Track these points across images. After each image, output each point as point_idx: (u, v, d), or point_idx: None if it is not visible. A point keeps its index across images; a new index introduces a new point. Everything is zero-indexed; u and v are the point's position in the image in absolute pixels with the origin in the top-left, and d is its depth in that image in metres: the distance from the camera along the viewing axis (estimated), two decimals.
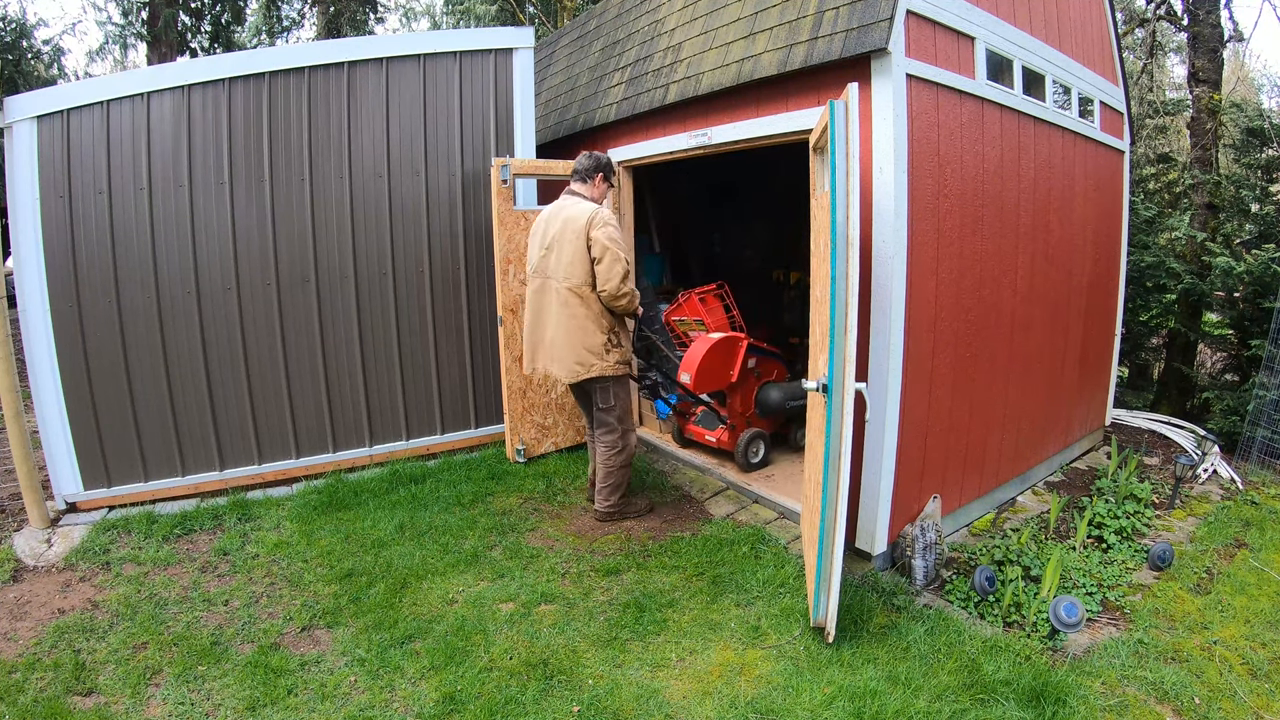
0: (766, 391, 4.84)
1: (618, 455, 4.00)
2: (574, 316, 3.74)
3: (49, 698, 2.68)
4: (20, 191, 4.02)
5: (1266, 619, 3.38)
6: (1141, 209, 7.16)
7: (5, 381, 3.95)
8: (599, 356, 3.77)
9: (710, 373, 4.55)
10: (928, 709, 2.61)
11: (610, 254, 3.63)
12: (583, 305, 3.73)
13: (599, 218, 3.68)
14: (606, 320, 3.78)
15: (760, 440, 4.76)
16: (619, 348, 3.86)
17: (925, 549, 3.61)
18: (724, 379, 4.63)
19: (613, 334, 3.82)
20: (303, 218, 4.64)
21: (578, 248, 3.67)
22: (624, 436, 4.00)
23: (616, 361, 3.85)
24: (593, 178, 3.92)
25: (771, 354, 4.99)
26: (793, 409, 4.85)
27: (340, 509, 4.30)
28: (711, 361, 4.53)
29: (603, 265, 3.64)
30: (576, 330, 3.74)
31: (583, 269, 3.68)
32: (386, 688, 2.77)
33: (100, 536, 3.93)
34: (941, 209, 3.68)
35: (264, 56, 4.51)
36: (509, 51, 5.17)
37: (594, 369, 3.77)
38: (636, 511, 4.22)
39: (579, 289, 3.71)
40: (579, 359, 3.76)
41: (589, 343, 3.75)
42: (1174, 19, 8.54)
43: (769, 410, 4.82)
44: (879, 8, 3.32)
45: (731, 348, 4.64)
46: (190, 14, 11.91)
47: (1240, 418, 5.83)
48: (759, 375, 4.86)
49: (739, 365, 4.64)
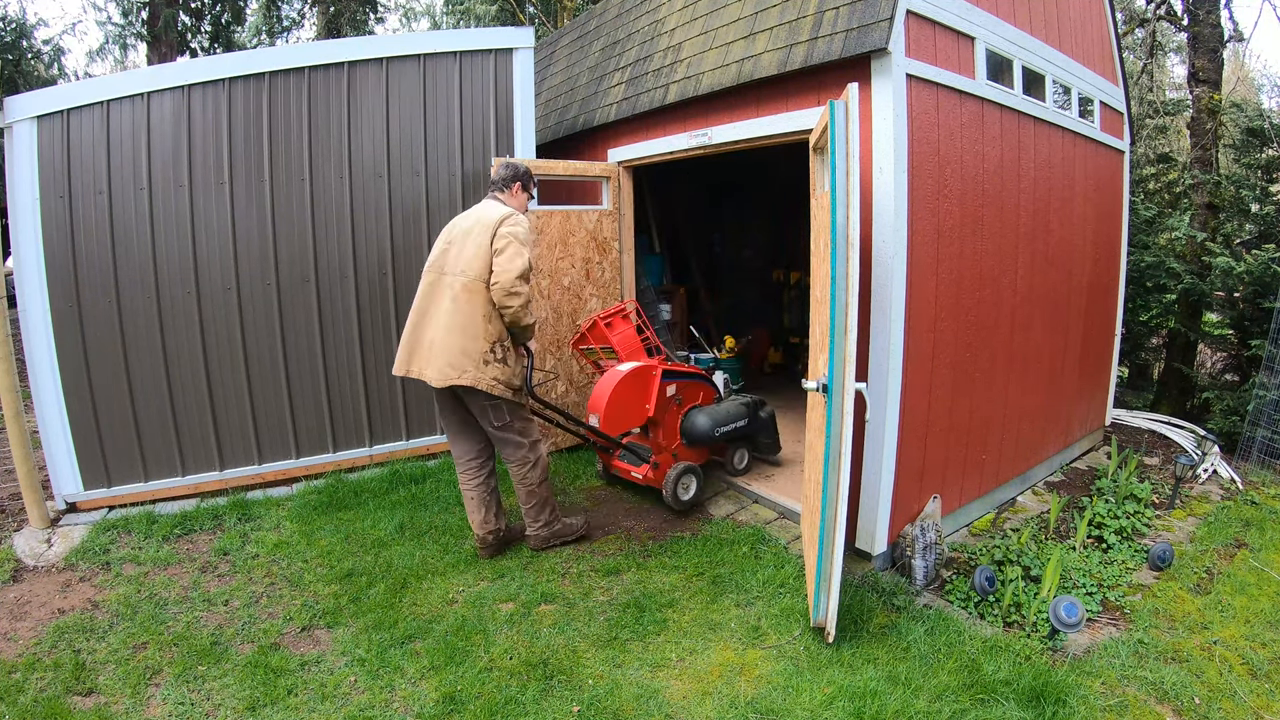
0: (692, 419, 4.39)
1: (533, 471, 3.63)
2: (459, 313, 3.37)
3: (49, 698, 2.68)
4: (20, 191, 4.02)
5: (1266, 619, 3.38)
6: (1141, 209, 7.16)
7: (5, 381, 3.94)
8: (475, 364, 3.35)
9: (623, 410, 4.12)
10: (928, 709, 2.61)
11: (513, 246, 3.33)
12: (471, 303, 3.37)
13: (518, 217, 3.47)
14: (495, 328, 3.40)
15: (691, 475, 4.29)
16: (500, 363, 3.42)
17: (925, 549, 3.61)
18: (639, 415, 4.21)
19: (498, 346, 3.41)
20: (303, 218, 4.64)
21: (482, 243, 3.38)
22: (533, 449, 3.64)
23: (494, 379, 3.39)
24: (510, 187, 3.66)
25: (694, 376, 4.54)
26: (724, 435, 4.45)
27: (340, 509, 4.30)
28: (623, 398, 4.10)
29: (503, 256, 3.31)
30: (458, 330, 3.37)
31: (482, 264, 3.36)
32: (386, 688, 2.77)
33: (100, 536, 3.93)
34: (941, 209, 3.68)
35: (264, 56, 4.51)
36: (509, 51, 5.17)
37: (465, 376, 3.33)
38: (573, 531, 3.89)
39: (473, 284, 3.36)
40: (451, 361, 3.35)
41: (468, 345, 3.35)
42: (1174, 19, 8.53)
43: (697, 440, 4.38)
44: (879, 8, 3.32)
45: (644, 380, 4.20)
46: (190, 14, 11.91)
47: (1240, 418, 5.83)
48: (681, 403, 4.41)
49: (655, 397, 4.19)
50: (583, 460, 5.17)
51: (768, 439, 4.79)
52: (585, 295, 5.31)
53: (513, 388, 3.49)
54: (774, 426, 4.80)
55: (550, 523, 3.80)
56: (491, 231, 3.38)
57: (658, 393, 4.21)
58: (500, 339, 3.43)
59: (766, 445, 4.82)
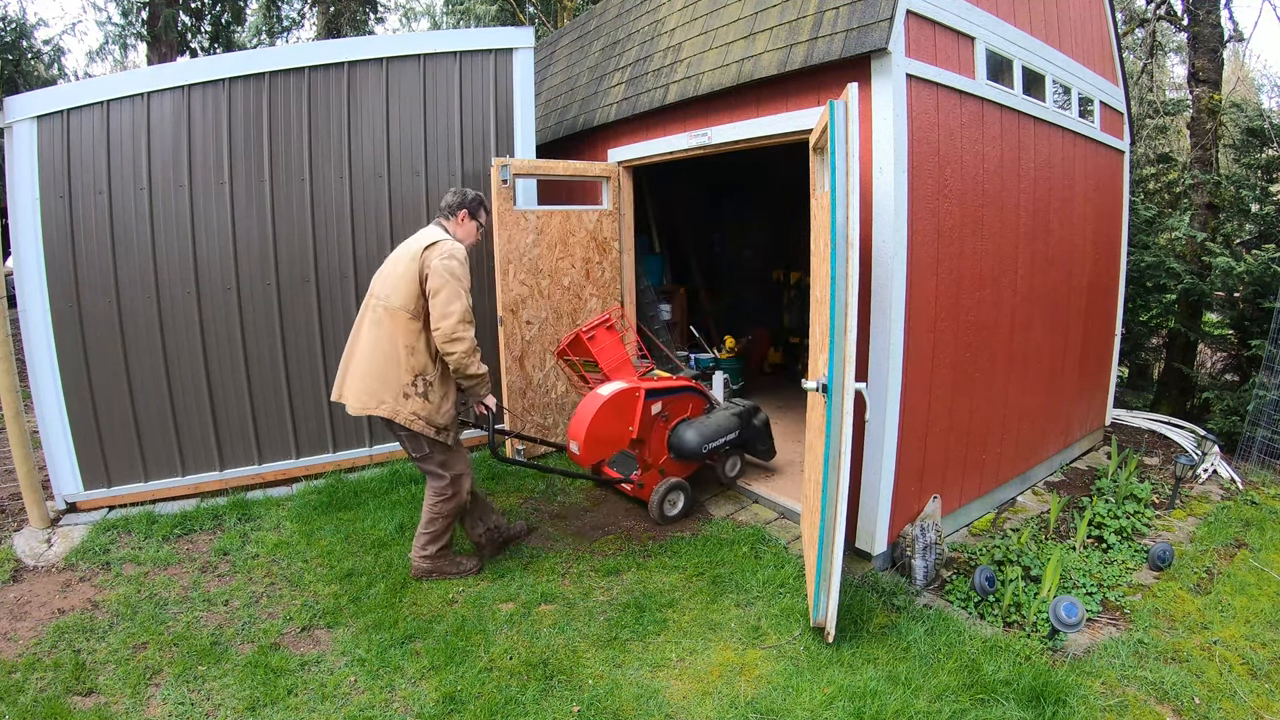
0: (680, 434, 4.22)
1: (446, 503, 3.41)
2: (381, 340, 3.19)
3: (49, 698, 2.68)
4: (20, 191, 4.02)
5: (1266, 619, 3.38)
6: (1141, 209, 7.16)
7: (5, 381, 3.94)
8: (394, 395, 3.16)
9: (604, 436, 3.93)
10: (928, 709, 2.61)
11: (450, 287, 3.09)
12: (393, 331, 3.18)
13: (444, 247, 3.16)
14: (419, 359, 3.19)
15: (678, 491, 4.21)
16: (422, 398, 3.19)
17: (925, 549, 3.61)
18: (622, 439, 4.02)
19: (421, 379, 3.20)
20: (303, 218, 4.64)
21: (409, 269, 3.15)
22: (455, 483, 3.39)
23: (413, 413, 3.18)
24: (455, 215, 3.41)
25: (681, 390, 4.32)
26: (713, 449, 4.27)
27: (340, 509, 4.30)
28: (604, 424, 3.90)
29: (439, 298, 3.09)
30: (378, 355, 3.19)
31: (407, 292, 3.15)
32: (386, 688, 2.77)
33: (100, 536, 3.93)
34: (941, 209, 3.68)
35: (264, 56, 4.51)
36: (509, 51, 5.17)
37: (383, 407, 3.16)
38: (461, 572, 3.57)
39: (394, 312, 3.17)
40: (368, 389, 3.19)
41: (388, 375, 3.17)
42: (1174, 19, 8.53)
43: (685, 456, 4.23)
44: (879, 8, 3.32)
45: (626, 403, 4.00)
46: (190, 14, 11.91)
47: (1240, 418, 5.83)
48: (668, 418, 4.24)
49: (639, 419, 4.02)
50: None
51: (763, 445, 4.71)
52: (585, 295, 5.31)
53: (435, 425, 3.24)
54: (768, 432, 4.70)
55: (438, 559, 3.51)
56: (419, 262, 3.14)
57: (642, 413, 4.04)
58: (423, 372, 3.20)
59: (762, 451, 4.74)
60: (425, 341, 3.21)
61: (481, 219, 3.49)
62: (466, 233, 3.44)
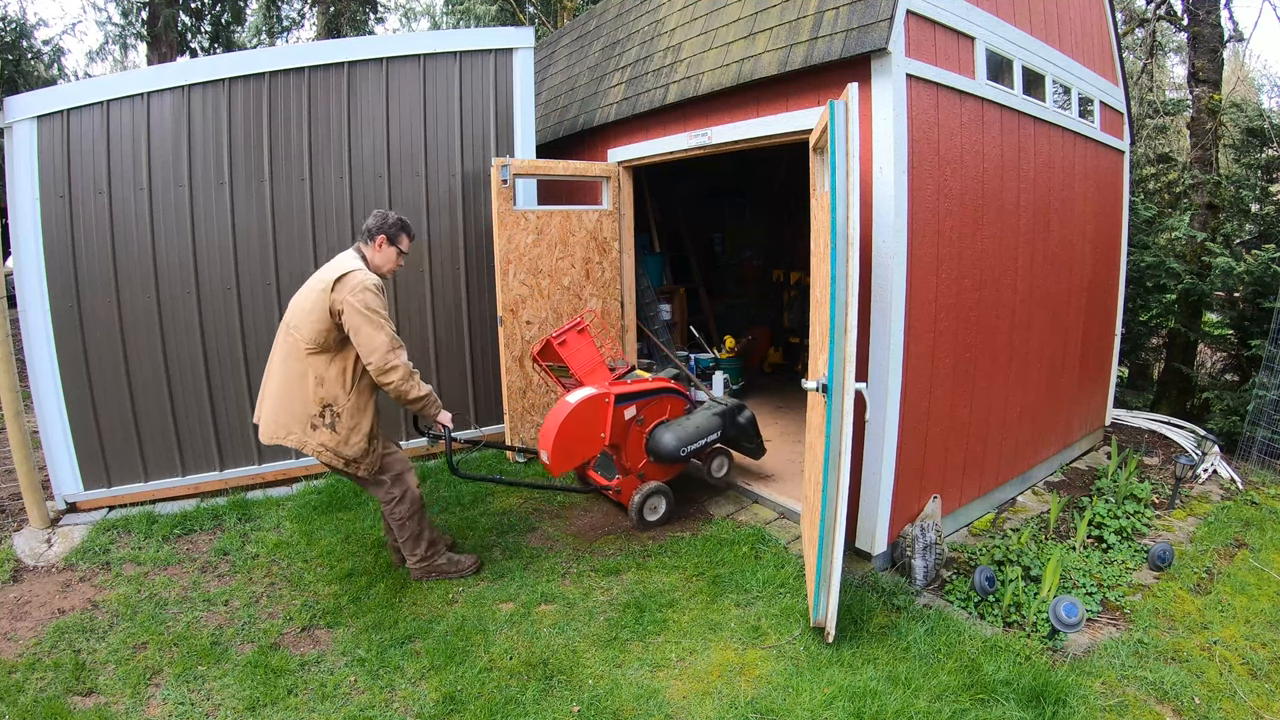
0: (657, 437, 4.09)
1: (399, 505, 3.36)
2: (288, 371, 3.15)
3: (49, 698, 2.68)
4: (20, 191, 4.02)
5: (1266, 619, 3.38)
6: (1141, 209, 7.16)
7: (5, 381, 3.94)
8: (301, 427, 3.12)
9: (574, 444, 3.80)
10: (928, 709, 2.61)
11: (369, 322, 3.01)
12: (299, 363, 3.13)
13: (354, 281, 3.04)
14: (326, 391, 3.12)
15: (659, 496, 4.09)
16: (329, 429, 3.13)
17: (925, 549, 3.61)
18: (594, 445, 3.89)
19: (328, 411, 3.13)
20: (303, 218, 4.64)
21: (318, 303, 3.05)
22: (396, 483, 3.36)
23: (320, 444, 3.13)
24: (374, 240, 3.25)
25: (657, 392, 4.17)
26: (693, 452, 4.15)
27: (340, 509, 4.30)
28: (573, 431, 3.78)
29: (360, 336, 3.03)
30: (286, 388, 3.15)
31: (315, 326, 3.06)
32: (386, 688, 2.77)
33: (100, 536, 3.93)
34: (942, 209, 3.68)
35: (264, 56, 4.51)
36: (509, 51, 5.17)
37: (290, 438, 3.14)
38: (459, 570, 3.56)
39: (299, 345, 3.11)
40: (277, 418, 3.16)
41: (294, 406, 3.13)
42: (1174, 19, 8.54)
43: (663, 460, 4.10)
44: (879, 8, 3.32)
45: (595, 409, 3.87)
46: (190, 14, 11.91)
47: (1240, 418, 5.83)
48: (643, 422, 4.10)
49: (609, 425, 3.90)
50: None
51: (750, 443, 4.58)
52: (585, 295, 5.31)
53: (343, 457, 3.17)
54: (754, 430, 4.56)
55: (429, 557, 3.49)
56: (327, 297, 3.03)
57: (613, 419, 3.91)
58: (332, 403, 3.12)
59: (750, 449, 4.61)
60: (336, 372, 3.13)
61: (403, 244, 3.33)
62: (385, 259, 3.29)
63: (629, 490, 4.09)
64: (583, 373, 4.21)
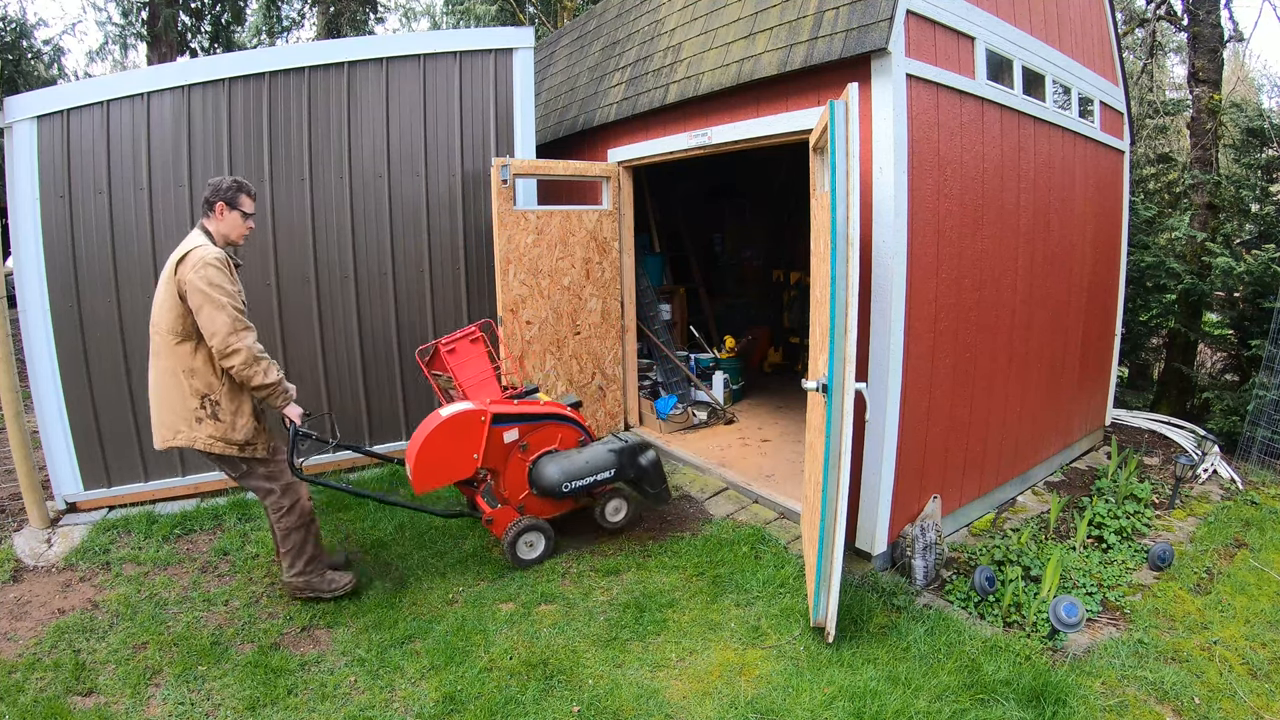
0: (541, 468, 3.74)
1: (287, 515, 3.22)
2: (161, 370, 3.05)
3: (49, 698, 2.68)
4: (20, 191, 4.02)
5: (1266, 619, 3.38)
6: (1141, 209, 7.16)
7: (5, 381, 3.94)
8: (187, 423, 3.03)
9: (441, 462, 3.49)
10: (928, 709, 2.61)
11: (210, 300, 2.87)
12: (169, 358, 3.02)
13: (195, 258, 2.90)
14: (200, 381, 3.02)
15: (536, 533, 3.72)
16: (213, 419, 3.04)
17: (925, 549, 3.61)
18: (465, 466, 3.55)
19: (208, 400, 3.03)
20: (303, 218, 4.64)
21: (168, 292, 2.95)
22: (286, 493, 3.22)
23: (210, 437, 3.04)
24: (212, 210, 3.08)
25: (547, 418, 3.83)
26: (580, 489, 3.76)
27: (340, 509, 4.30)
28: (440, 448, 3.47)
29: (202, 317, 2.90)
30: (163, 387, 3.06)
31: (170, 315, 2.96)
32: (386, 688, 2.77)
33: (100, 536, 3.93)
34: (941, 209, 3.68)
35: (264, 56, 4.51)
36: (509, 51, 5.17)
37: (180, 437, 3.05)
38: (334, 589, 3.36)
39: (165, 337, 3.01)
40: (163, 420, 3.07)
41: (175, 404, 3.03)
42: (1174, 19, 8.54)
43: (545, 492, 3.73)
44: (879, 8, 3.32)
45: (469, 427, 3.54)
46: (190, 14, 11.91)
47: (1240, 418, 5.83)
48: (527, 448, 3.77)
49: (484, 446, 3.57)
50: None
51: (652, 488, 4.03)
52: (585, 295, 5.31)
53: (235, 443, 3.09)
54: (657, 473, 4.04)
55: (307, 573, 3.31)
56: (174, 282, 2.92)
57: (489, 440, 3.59)
58: (209, 392, 3.04)
59: (652, 495, 4.05)
60: (204, 359, 3.01)
61: (244, 205, 3.12)
62: (230, 226, 3.11)
63: (502, 522, 3.70)
64: (468, 385, 3.95)
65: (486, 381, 4.04)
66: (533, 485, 3.79)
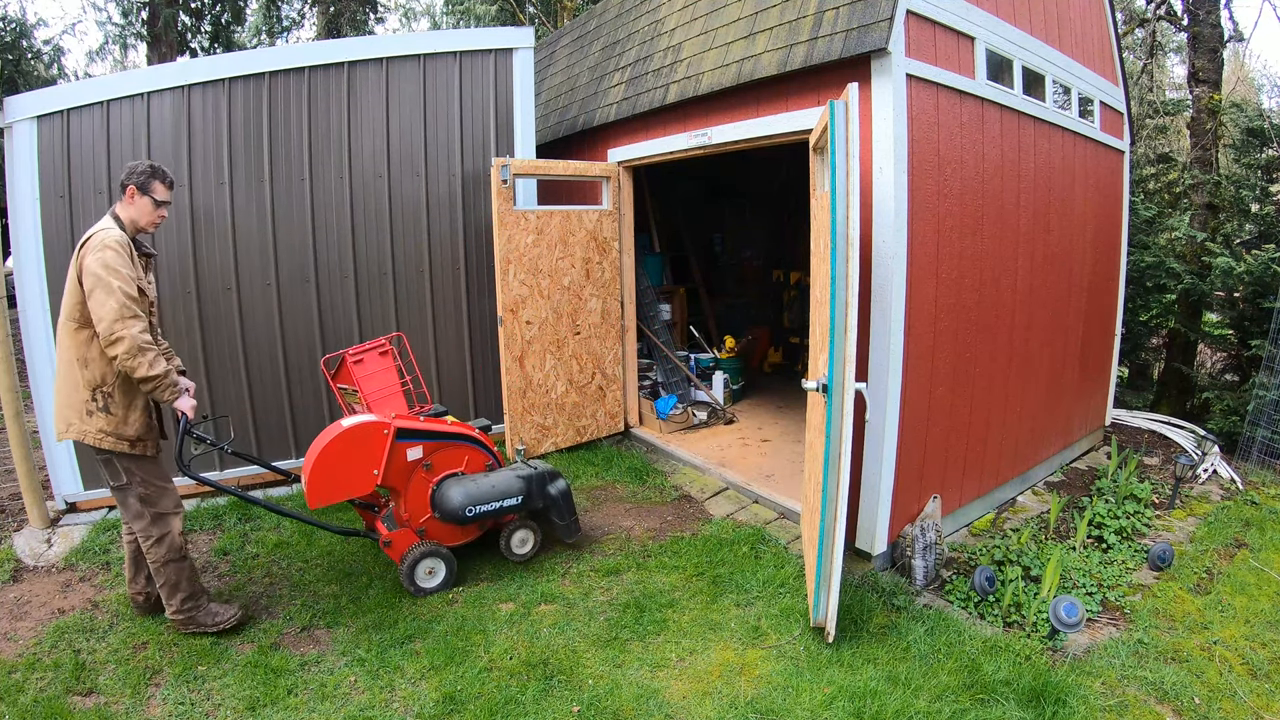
0: (443, 491, 3.52)
1: (156, 547, 2.97)
2: (61, 360, 2.90)
3: (49, 698, 2.68)
4: (20, 191, 4.02)
5: (1266, 619, 3.38)
6: (1141, 209, 7.16)
7: (5, 381, 3.94)
8: (79, 416, 2.87)
9: (338, 476, 3.25)
10: (928, 709, 2.61)
11: (102, 284, 2.70)
12: (67, 344, 2.87)
13: (96, 240, 2.77)
14: (93, 372, 2.85)
15: (436, 559, 3.47)
16: (104, 412, 2.86)
17: (925, 549, 3.61)
18: (364, 483, 3.31)
19: (99, 393, 2.86)
20: (303, 218, 4.64)
21: (71, 274, 2.83)
22: (156, 523, 2.96)
23: (100, 431, 2.85)
24: (124, 193, 2.94)
25: (454, 438, 3.62)
26: (483, 514, 3.51)
27: (339, 509, 4.29)
28: (338, 460, 3.24)
29: (93, 301, 2.72)
30: (61, 377, 2.91)
31: (70, 300, 2.83)
32: (386, 688, 2.77)
33: (100, 536, 3.93)
34: (942, 209, 3.68)
35: (264, 56, 4.52)
36: (509, 51, 5.17)
37: (71, 430, 2.88)
38: (218, 623, 3.12)
39: (65, 324, 2.86)
40: (58, 412, 2.92)
41: (70, 395, 2.88)
42: (1174, 19, 8.54)
43: (447, 517, 3.49)
44: (879, 8, 3.32)
45: (370, 439, 3.31)
46: (190, 14, 11.92)
47: (1240, 418, 5.83)
48: (430, 468, 3.53)
49: (385, 462, 3.34)
50: (582, 460, 5.18)
51: (561, 519, 3.81)
52: (585, 295, 5.31)
53: (127, 439, 2.90)
54: (568, 505, 3.84)
55: (188, 610, 3.08)
56: (76, 265, 2.79)
57: (391, 456, 3.36)
58: (100, 385, 2.86)
59: (561, 527, 3.82)
60: (99, 349, 2.83)
61: (157, 193, 2.95)
62: (140, 211, 2.94)
63: (400, 546, 3.48)
64: (373, 399, 3.80)
65: (393, 396, 3.90)
66: (435, 508, 3.54)
